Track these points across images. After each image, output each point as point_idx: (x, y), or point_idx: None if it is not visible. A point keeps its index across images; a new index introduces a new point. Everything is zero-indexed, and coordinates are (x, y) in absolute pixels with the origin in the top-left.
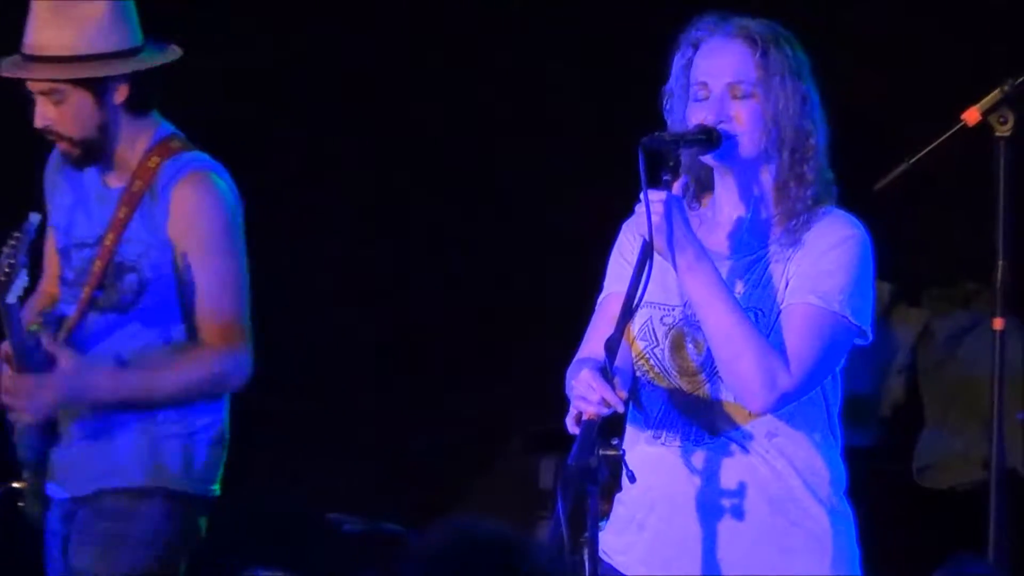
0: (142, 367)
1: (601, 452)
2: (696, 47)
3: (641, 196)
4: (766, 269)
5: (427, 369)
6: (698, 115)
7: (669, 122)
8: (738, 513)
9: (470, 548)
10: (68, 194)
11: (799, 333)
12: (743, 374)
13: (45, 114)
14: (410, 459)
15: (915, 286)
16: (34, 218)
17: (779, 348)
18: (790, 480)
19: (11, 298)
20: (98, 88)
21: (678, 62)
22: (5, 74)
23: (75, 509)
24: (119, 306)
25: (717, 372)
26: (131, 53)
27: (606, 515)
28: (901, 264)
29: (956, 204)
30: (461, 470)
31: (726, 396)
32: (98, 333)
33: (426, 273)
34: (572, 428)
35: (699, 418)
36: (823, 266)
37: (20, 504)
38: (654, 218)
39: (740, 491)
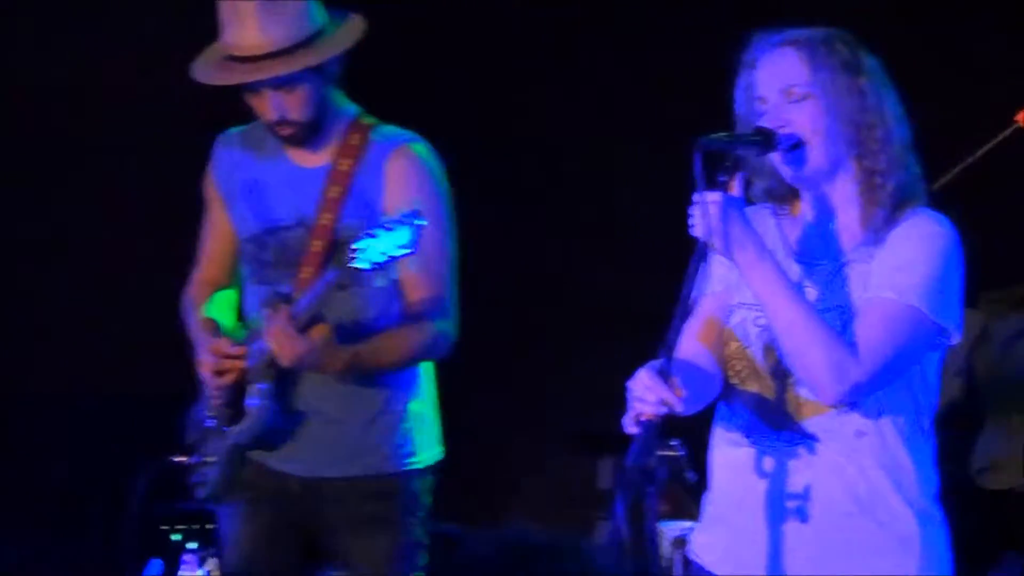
0: (371, 338)
1: (660, 452)
2: (753, 66)
3: (696, 198)
4: (851, 271)
5: (486, 368)
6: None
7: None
8: (824, 513)
9: (522, 554)
10: (251, 183)
11: (871, 324)
12: (811, 366)
13: (279, 105)
14: (468, 460)
15: (972, 288)
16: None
17: (853, 341)
18: (878, 480)
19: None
20: (323, 67)
21: (740, 86)
22: (243, 79)
23: (323, 488)
24: (348, 284)
25: None
26: (326, 28)
27: (665, 516)
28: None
29: (1013, 206)
30: (519, 470)
31: (813, 397)
32: (338, 310)
33: (486, 271)
34: (630, 429)
35: (788, 418)
36: (902, 261)
37: (194, 483)
38: (711, 219)
39: (826, 492)
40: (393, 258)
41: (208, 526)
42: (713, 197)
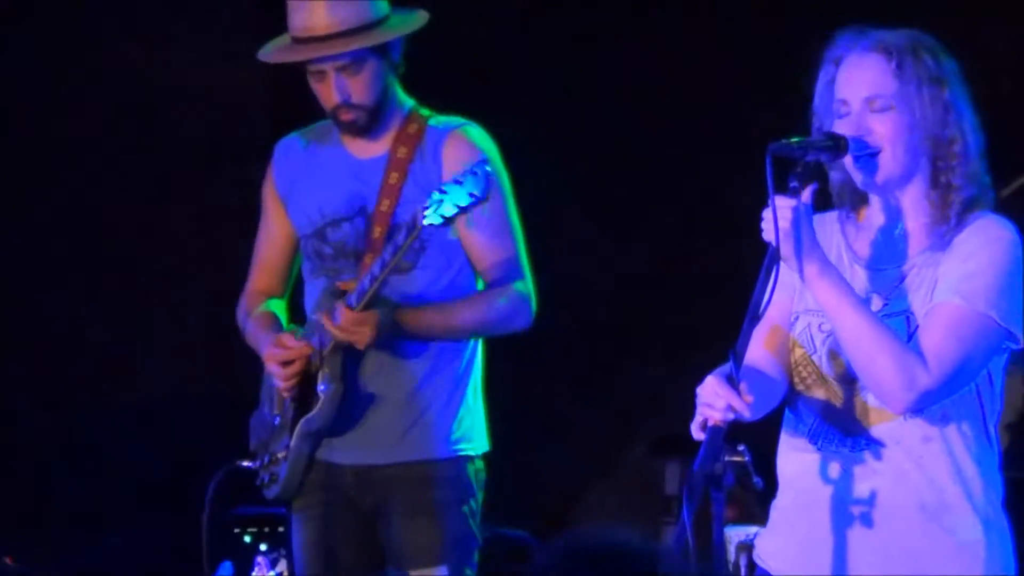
0: (441, 306)
1: (727, 458)
2: (838, 64)
3: (768, 203)
4: (916, 275)
5: (552, 373)
6: (840, 131)
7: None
8: (889, 519)
9: (594, 557)
10: (311, 179)
11: (940, 332)
12: (880, 375)
13: (343, 88)
14: (535, 464)
15: None
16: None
17: (920, 348)
18: (943, 486)
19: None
20: (387, 52)
21: (822, 79)
22: (310, 56)
23: (377, 474)
24: (406, 268)
25: None
26: (389, 18)
27: (732, 521)
28: None
29: None
30: (586, 475)
31: (879, 403)
32: (388, 294)
33: (551, 277)
34: (697, 434)
35: (854, 424)
36: (969, 267)
37: (263, 483)
38: (782, 225)
39: (891, 497)
40: (465, 208)
41: (279, 528)
42: (785, 203)
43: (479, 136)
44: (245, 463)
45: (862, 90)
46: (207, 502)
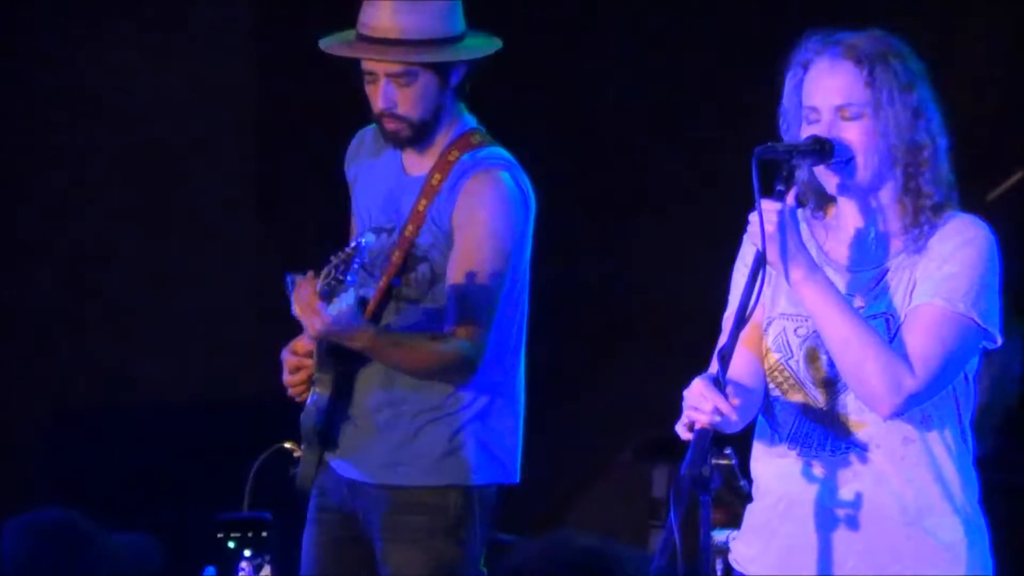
0: (397, 337)
1: (714, 461)
2: (806, 67)
3: (754, 207)
4: (893, 277)
5: (539, 376)
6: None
7: (785, 141)
8: (871, 522)
9: (563, 562)
10: (373, 180)
11: (923, 334)
12: (866, 379)
13: (390, 96)
14: (523, 467)
15: None
16: (367, 239)
17: (905, 351)
18: (923, 488)
19: (332, 309)
20: (444, 71)
21: (790, 82)
22: (361, 55)
23: (367, 493)
24: (414, 297)
25: None
26: (462, 38)
27: (719, 524)
28: (1014, 272)
29: None
30: (574, 478)
31: (859, 405)
32: (395, 322)
33: (539, 280)
34: (682, 433)
35: (832, 428)
36: (948, 268)
37: (293, 469)
38: (767, 228)
39: (873, 500)
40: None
41: (264, 533)
42: (771, 206)
43: (507, 181)
44: (289, 445)
45: (833, 98)
46: (249, 479)
